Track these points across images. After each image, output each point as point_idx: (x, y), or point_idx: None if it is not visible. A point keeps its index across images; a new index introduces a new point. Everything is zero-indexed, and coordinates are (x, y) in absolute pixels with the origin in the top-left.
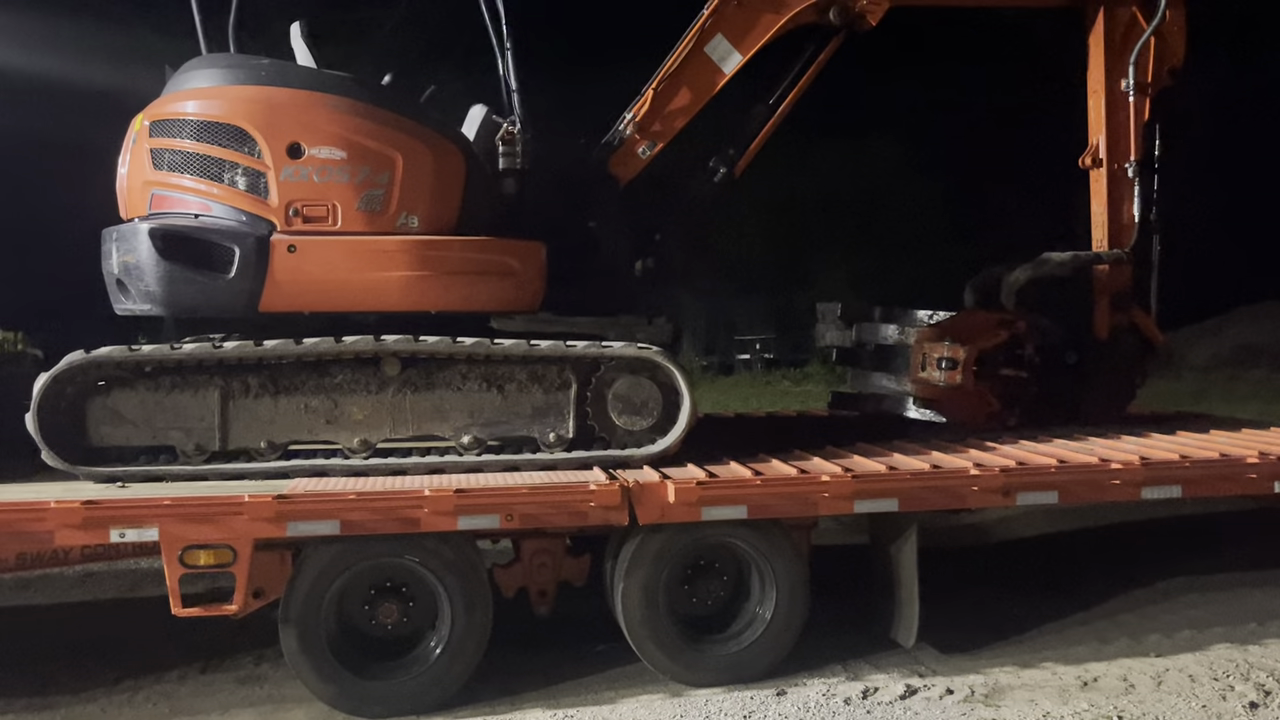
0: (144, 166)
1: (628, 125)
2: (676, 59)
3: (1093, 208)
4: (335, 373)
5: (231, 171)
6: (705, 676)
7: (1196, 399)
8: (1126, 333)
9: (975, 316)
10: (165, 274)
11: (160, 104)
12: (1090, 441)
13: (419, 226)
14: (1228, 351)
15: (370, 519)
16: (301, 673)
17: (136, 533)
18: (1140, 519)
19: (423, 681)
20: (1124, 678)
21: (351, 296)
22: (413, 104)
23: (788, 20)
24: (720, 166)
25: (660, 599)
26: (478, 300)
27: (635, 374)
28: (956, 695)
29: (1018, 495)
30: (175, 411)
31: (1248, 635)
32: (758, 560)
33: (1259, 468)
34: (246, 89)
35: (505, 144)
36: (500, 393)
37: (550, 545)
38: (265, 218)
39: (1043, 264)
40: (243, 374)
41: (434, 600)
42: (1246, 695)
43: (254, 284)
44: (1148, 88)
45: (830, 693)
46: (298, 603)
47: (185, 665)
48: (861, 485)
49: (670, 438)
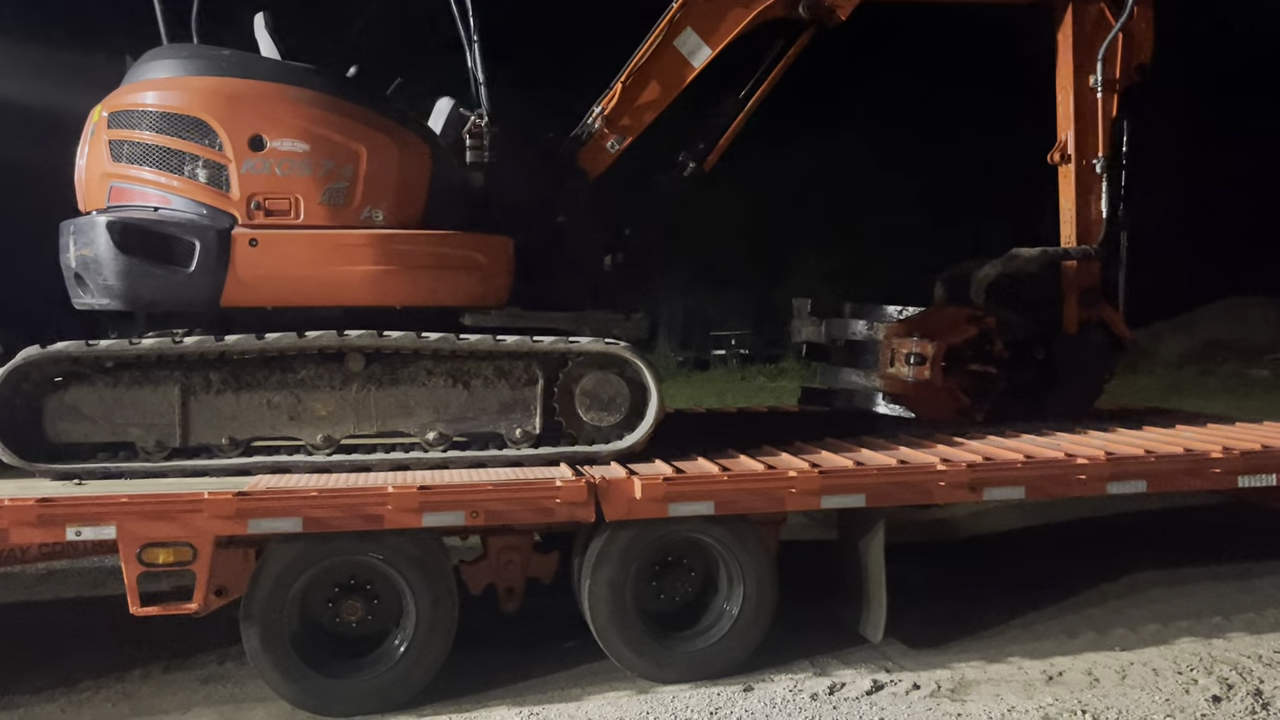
0: (102, 159)
1: (596, 119)
2: (645, 52)
3: (1061, 204)
4: (298, 368)
5: (192, 164)
6: (673, 673)
7: (1167, 394)
8: (1094, 328)
9: (944, 312)
10: (124, 268)
11: (119, 95)
12: (1057, 436)
13: (383, 220)
14: (1198, 347)
15: (333, 516)
16: (264, 671)
17: (93, 531)
18: (1107, 513)
19: (387, 680)
20: (1089, 671)
21: (315, 291)
22: (378, 96)
23: (757, 14)
24: (690, 161)
25: (627, 596)
26: (443, 295)
27: (603, 370)
28: (923, 690)
29: (985, 490)
30: (135, 407)
31: (1211, 629)
32: (726, 556)
33: (1223, 463)
34: (207, 80)
35: (472, 137)
36: (466, 388)
37: (518, 542)
38: (226, 211)
39: (1012, 260)
40: (204, 369)
41: (399, 597)
42: (1210, 689)
43: (215, 278)
44: (1116, 84)
45: (797, 688)
46: (260, 600)
47: (147, 664)
48: (829, 481)
49: (638, 434)
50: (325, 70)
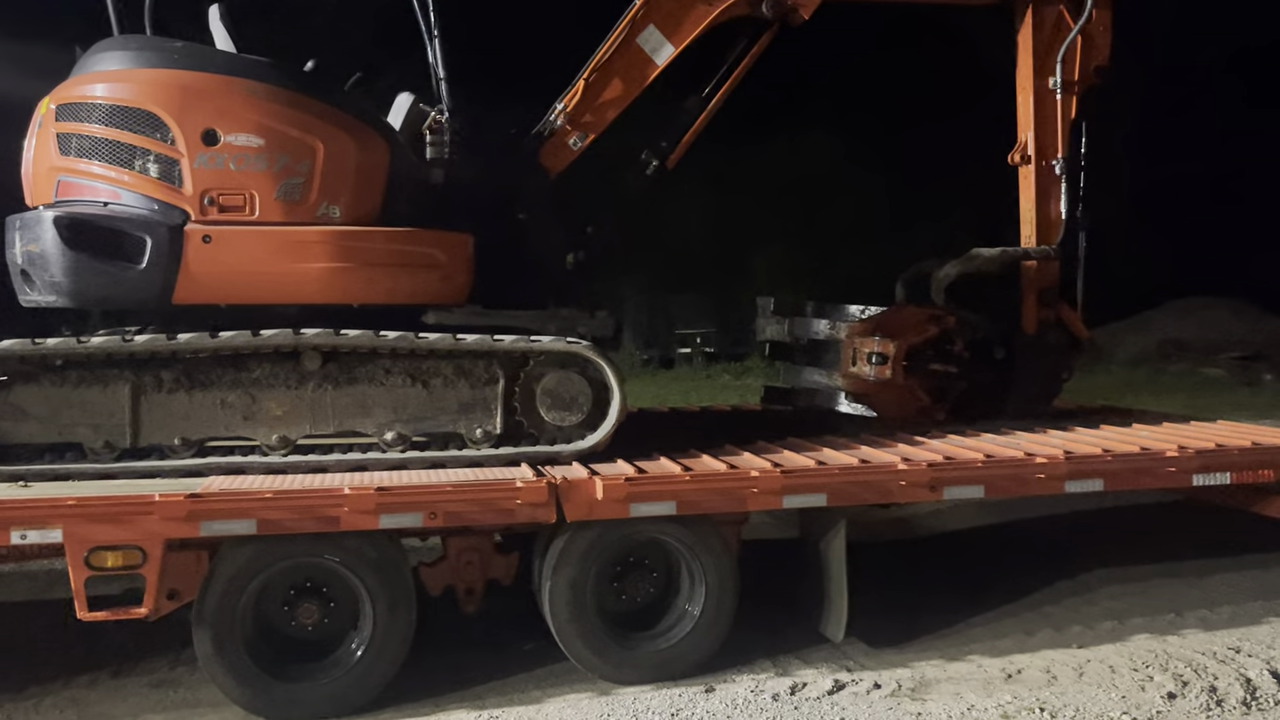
0: (50, 152)
1: (559, 116)
2: (608, 49)
3: (1021, 204)
4: (253, 367)
5: (143, 158)
6: (634, 674)
7: (1123, 392)
8: (1053, 328)
9: (905, 312)
10: (72, 264)
11: (68, 87)
12: (1017, 436)
13: (340, 216)
14: (1154, 346)
15: (288, 518)
16: (217, 676)
17: (39, 534)
18: (1066, 512)
19: (343, 684)
20: (1047, 669)
21: (270, 288)
22: (335, 91)
23: (720, 12)
24: (653, 159)
25: (588, 597)
26: (401, 293)
27: (564, 369)
28: (884, 690)
29: (944, 490)
30: (83, 407)
31: (1166, 626)
32: (687, 556)
33: (1178, 461)
34: (159, 72)
35: (433, 133)
36: (425, 388)
37: (478, 543)
38: (179, 206)
39: (972, 259)
40: (155, 368)
41: (355, 600)
42: (1165, 685)
43: (166, 275)
44: (1075, 86)
45: (759, 689)
46: (212, 604)
47: (95, 669)
48: (790, 481)
49: (600, 433)
50: (282, 64)
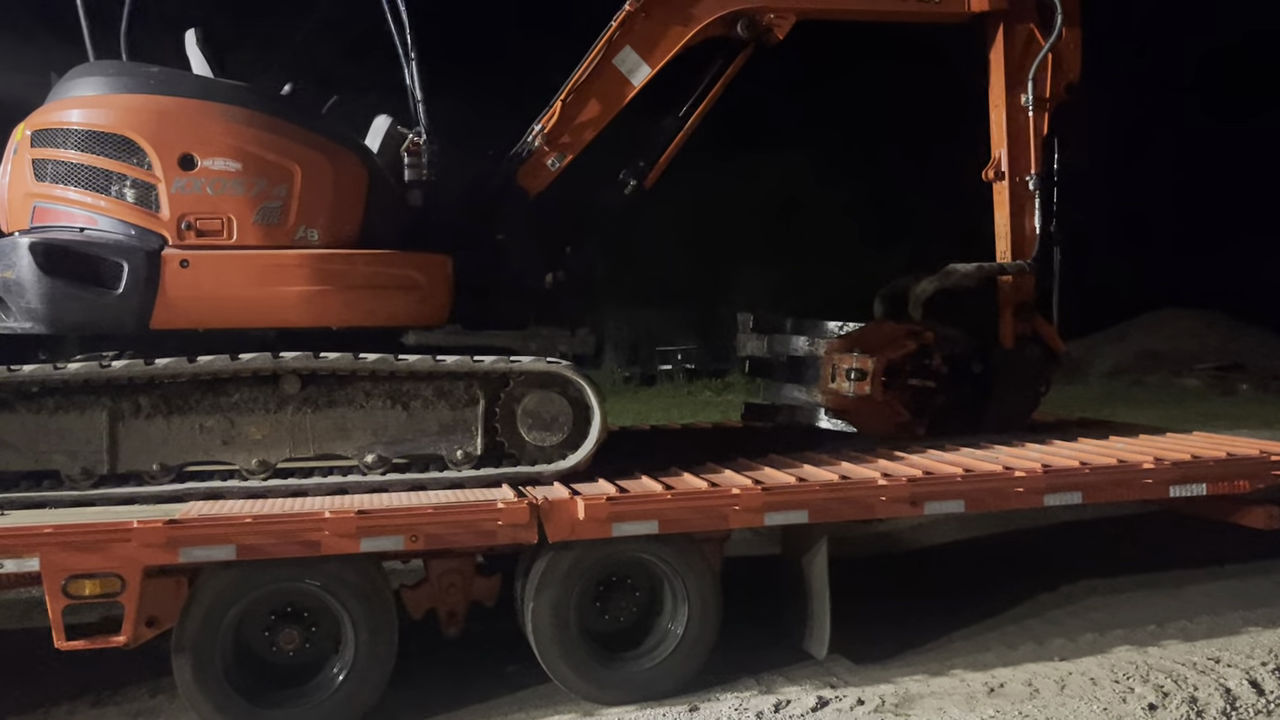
0: (25, 178)
1: (536, 137)
2: (585, 71)
3: (996, 219)
4: (232, 391)
5: (119, 183)
6: (617, 694)
7: (1100, 405)
8: (1030, 342)
9: (884, 327)
10: (48, 290)
11: (43, 113)
12: (996, 450)
13: (319, 240)
14: (1130, 358)
15: (268, 543)
16: (196, 704)
17: (15, 564)
18: (1046, 525)
19: (325, 709)
20: (1029, 682)
21: (249, 312)
22: (313, 114)
23: (696, 33)
24: (630, 179)
25: (571, 617)
26: (381, 315)
27: (545, 389)
28: (867, 706)
29: (925, 504)
30: (60, 434)
31: (1147, 637)
32: (670, 575)
33: (1154, 473)
34: (135, 98)
35: (411, 155)
36: (405, 410)
37: (460, 565)
38: (156, 231)
39: (948, 275)
40: (133, 394)
41: (337, 625)
42: (1146, 697)
43: (144, 300)
44: (1046, 103)
45: (743, 707)
46: (192, 631)
47: (74, 698)
48: (771, 498)
49: (581, 453)
50: (259, 87)
